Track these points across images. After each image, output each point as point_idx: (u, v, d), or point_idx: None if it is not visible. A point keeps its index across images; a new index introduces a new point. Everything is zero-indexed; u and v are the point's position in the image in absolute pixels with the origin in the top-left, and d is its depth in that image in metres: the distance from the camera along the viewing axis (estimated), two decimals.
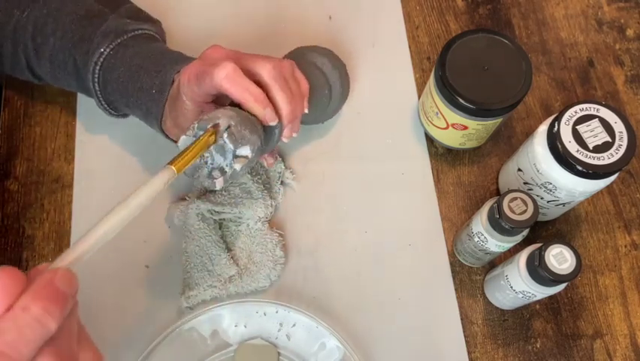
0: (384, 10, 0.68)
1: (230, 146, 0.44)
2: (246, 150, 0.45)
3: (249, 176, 0.56)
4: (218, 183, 0.45)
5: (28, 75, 0.55)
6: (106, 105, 0.54)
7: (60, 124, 0.61)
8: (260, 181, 0.57)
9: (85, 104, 0.62)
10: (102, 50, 0.51)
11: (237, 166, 0.45)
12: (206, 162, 0.45)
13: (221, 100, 0.50)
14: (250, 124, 0.45)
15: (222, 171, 0.45)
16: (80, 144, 0.60)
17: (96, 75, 0.51)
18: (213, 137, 0.43)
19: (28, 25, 0.52)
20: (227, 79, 0.45)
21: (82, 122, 0.61)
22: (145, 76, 0.50)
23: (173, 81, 0.49)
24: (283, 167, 0.59)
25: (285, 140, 0.50)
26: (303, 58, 0.56)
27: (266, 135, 0.48)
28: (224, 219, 0.57)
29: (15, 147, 0.60)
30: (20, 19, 0.52)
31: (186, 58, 0.51)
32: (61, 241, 0.57)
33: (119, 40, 0.51)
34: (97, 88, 0.52)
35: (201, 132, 0.44)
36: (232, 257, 0.55)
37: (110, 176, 0.59)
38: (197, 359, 0.52)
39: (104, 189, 0.59)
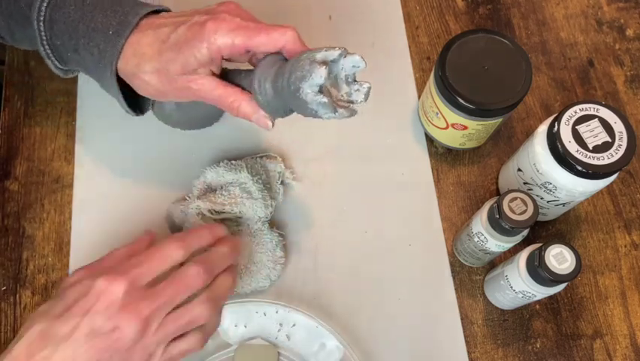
0: (384, 10, 0.68)
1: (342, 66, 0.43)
2: (358, 60, 0.43)
3: (249, 176, 0.56)
4: (356, 106, 0.44)
5: None
6: (49, 51, 0.48)
7: (60, 124, 0.61)
8: (260, 181, 0.57)
9: (85, 104, 0.62)
10: None
11: (364, 88, 0.44)
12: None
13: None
14: None
15: (346, 101, 0.44)
16: (80, 144, 0.60)
17: (42, 13, 0.46)
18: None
19: None
20: (293, 42, 0.44)
21: (82, 122, 0.61)
22: (100, 15, 0.45)
23: (137, 25, 0.45)
24: (283, 167, 0.59)
25: None
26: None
27: None
28: (224, 219, 0.57)
29: (15, 147, 0.60)
30: None
31: (145, 3, 0.47)
32: (61, 241, 0.57)
33: None
34: (41, 28, 0.46)
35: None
36: None
37: (110, 176, 0.59)
38: (197, 359, 0.52)
39: (104, 189, 0.58)
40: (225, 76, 0.48)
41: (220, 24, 0.44)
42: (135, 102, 0.51)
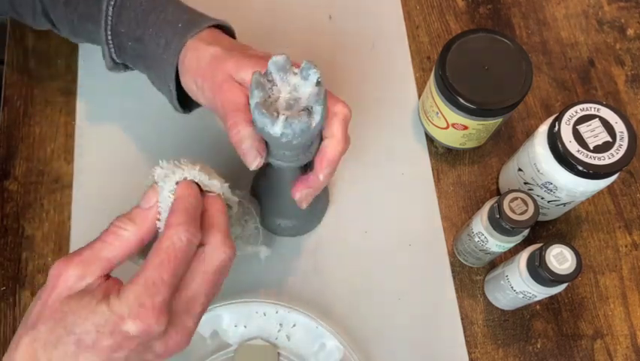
0: (384, 10, 0.68)
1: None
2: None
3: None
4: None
5: (46, 23, 0.53)
6: (110, 39, 0.49)
7: (60, 124, 0.61)
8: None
9: (85, 104, 0.62)
10: None
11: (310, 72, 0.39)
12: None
13: None
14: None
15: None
16: (80, 144, 0.60)
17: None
18: None
19: None
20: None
21: (81, 122, 0.61)
22: (173, 8, 0.47)
23: (203, 30, 0.46)
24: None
25: None
26: None
27: None
28: None
29: (14, 147, 0.60)
30: None
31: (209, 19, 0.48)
32: (60, 241, 0.57)
33: None
34: (109, 13, 0.48)
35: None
36: None
37: (110, 176, 0.59)
38: (197, 359, 0.52)
39: (103, 189, 0.58)
40: None
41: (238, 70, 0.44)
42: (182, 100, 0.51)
